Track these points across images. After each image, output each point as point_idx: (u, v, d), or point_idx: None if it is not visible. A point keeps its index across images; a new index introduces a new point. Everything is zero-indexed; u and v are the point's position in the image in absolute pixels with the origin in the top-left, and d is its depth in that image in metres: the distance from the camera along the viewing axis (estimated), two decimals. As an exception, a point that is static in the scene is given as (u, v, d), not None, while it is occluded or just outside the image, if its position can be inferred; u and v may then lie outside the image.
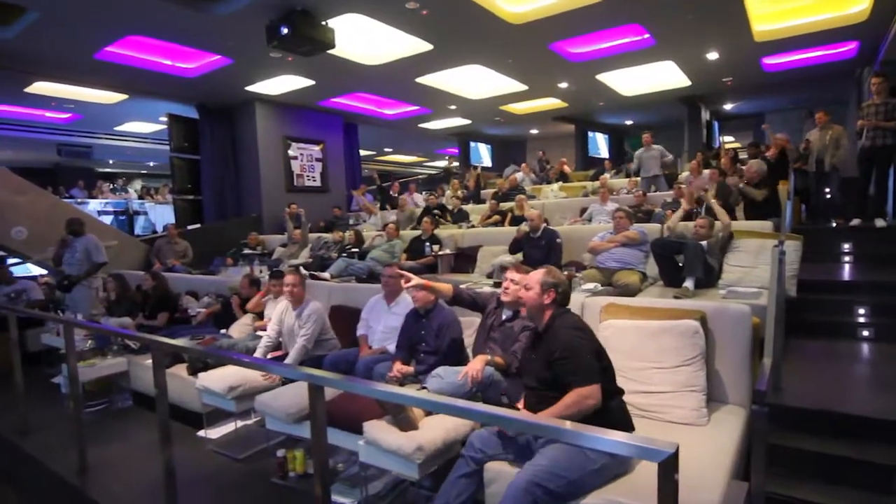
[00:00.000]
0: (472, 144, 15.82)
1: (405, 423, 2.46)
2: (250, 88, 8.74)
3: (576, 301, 3.43)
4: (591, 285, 4.41)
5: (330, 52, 6.42)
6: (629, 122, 14.90)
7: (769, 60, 8.71)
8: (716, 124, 14.06)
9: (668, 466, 1.12)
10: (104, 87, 8.36)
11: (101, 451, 3.42)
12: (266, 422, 2.92)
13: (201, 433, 3.59)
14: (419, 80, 8.71)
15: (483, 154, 16.33)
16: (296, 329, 3.64)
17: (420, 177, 17.44)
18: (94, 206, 12.98)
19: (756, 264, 4.38)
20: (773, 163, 6.40)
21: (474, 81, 9.38)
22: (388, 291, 3.75)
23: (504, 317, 3.14)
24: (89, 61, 6.92)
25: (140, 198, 14.55)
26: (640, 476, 2.04)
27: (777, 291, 3.07)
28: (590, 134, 14.46)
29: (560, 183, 10.68)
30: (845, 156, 6.54)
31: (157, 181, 17.30)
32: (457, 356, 3.21)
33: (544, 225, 5.52)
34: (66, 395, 4.74)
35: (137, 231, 13.24)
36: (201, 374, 3.46)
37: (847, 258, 5.82)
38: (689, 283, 4.14)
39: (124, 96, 8.96)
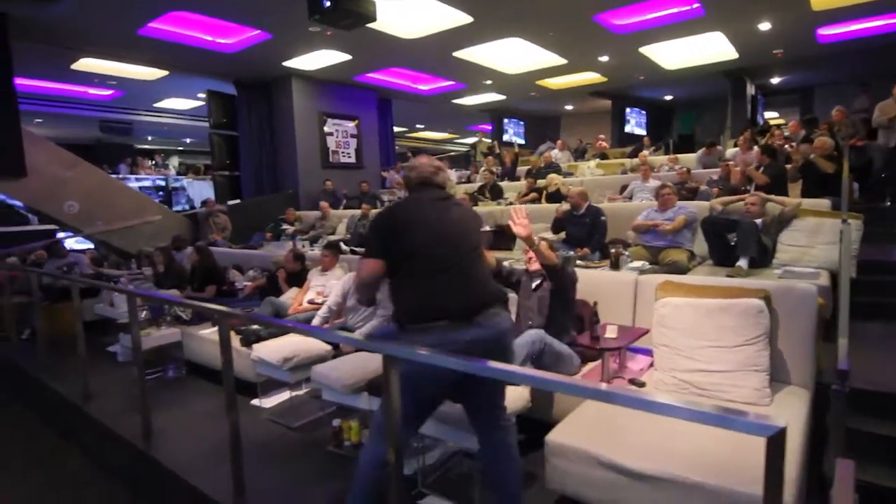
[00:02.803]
0: (506, 121, 15.58)
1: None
2: (287, 64, 8.75)
3: (627, 279, 3.39)
4: (638, 263, 4.35)
5: (368, 25, 6.35)
6: (668, 98, 14.43)
7: (824, 31, 8.27)
8: (760, 99, 13.49)
9: (776, 443, 1.10)
10: (146, 62, 8.48)
11: (162, 416, 3.54)
12: (322, 392, 2.98)
13: (255, 402, 3.69)
14: (456, 54, 8.58)
15: (516, 131, 16.09)
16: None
17: (451, 153, 17.33)
18: (133, 183, 13.34)
19: (813, 244, 4.24)
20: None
21: (511, 55, 9.18)
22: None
23: (533, 285, 3.19)
24: (133, 37, 7.02)
25: (179, 174, 14.84)
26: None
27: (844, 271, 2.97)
28: (627, 110, 14.05)
29: (597, 160, 10.46)
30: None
31: (194, 158, 17.63)
32: None
33: (588, 203, 5.41)
34: (121, 363, 4.94)
35: (176, 208, 13.56)
36: (256, 346, 3.55)
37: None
38: (742, 263, 4.03)
39: (165, 72, 9.09)
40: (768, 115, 14.48)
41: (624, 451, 2.06)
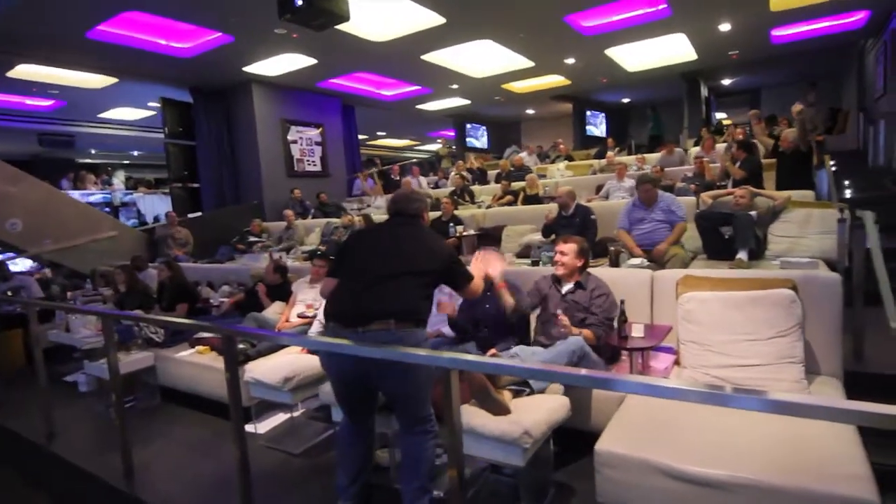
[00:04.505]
0: (469, 126, 15.55)
1: (497, 408, 2.29)
2: (248, 69, 8.35)
3: (642, 276, 3.29)
4: (637, 260, 4.27)
5: (337, 27, 6.11)
6: (626, 101, 14.78)
7: (778, 32, 8.61)
8: (713, 100, 14.00)
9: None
10: (94, 69, 7.89)
11: (141, 451, 3.17)
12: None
13: (249, 427, 3.37)
14: (425, 57, 8.42)
15: (479, 138, 16.09)
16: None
17: (412, 161, 17.14)
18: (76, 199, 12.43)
19: (804, 234, 4.29)
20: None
21: (479, 58, 9.11)
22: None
23: (564, 290, 3.06)
24: (80, 41, 6.49)
25: (127, 189, 13.97)
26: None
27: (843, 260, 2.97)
28: (588, 113, 14.28)
29: (565, 162, 10.54)
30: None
31: (141, 171, 16.69)
32: (524, 330, 3.09)
33: (576, 202, 5.34)
34: (84, 394, 4.47)
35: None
36: (249, 366, 3.24)
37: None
38: (742, 255, 4.03)
39: (113, 80, 8.49)
40: (719, 115, 15.04)
41: (685, 456, 1.91)
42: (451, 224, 6.06)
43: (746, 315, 2.62)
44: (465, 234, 6.05)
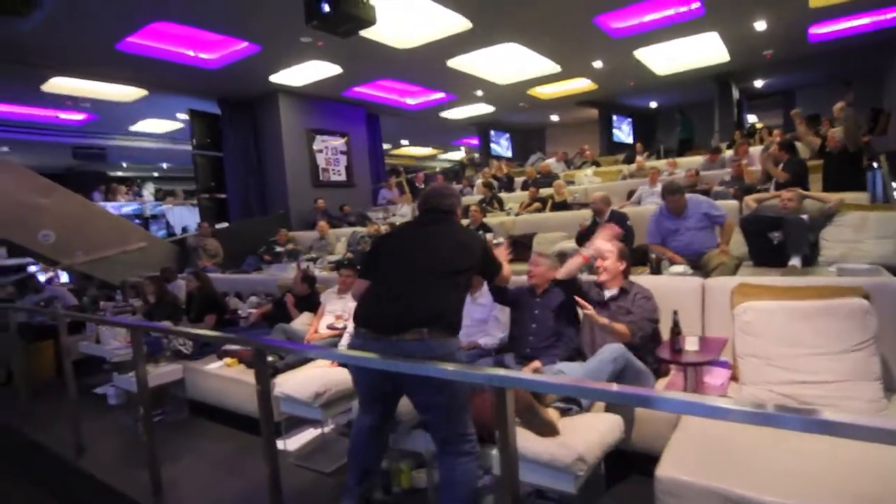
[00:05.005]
0: (493, 133, 15.43)
1: (544, 428, 2.12)
2: (274, 79, 8.38)
3: (692, 284, 3.08)
4: (679, 268, 4.05)
5: (362, 34, 6.06)
6: (654, 105, 14.47)
7: (816, 30, 8.29)
8: (744, 103, 13.61)
9: None
10: (124, 81, 8.01)
11: (169, 467, 3.07)
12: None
13: (278, 444, 3.24)
14: (450, 63, 8.34)
15: (501, 145, 15.95)
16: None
17: (436, 170, 17.07)
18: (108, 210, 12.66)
19: (861, 238, 4.02)
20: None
21: (505, 64, 8.98)
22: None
23: (607, 296, 2.93)
24: (111, 52, 6.57)
25: (157, 200, 14.20)
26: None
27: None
28: (615, 118, 14.01)
29: (593, 168, 10.33)
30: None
31: (170, 183, 16.97)
32: (572, 341, 2.92)
33: (611, 208, 5.15)
34: (113, 407, 4.43)
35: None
36: (278, 379, 3.12)
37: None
38: (795, 262, 3.77)
39: (143, 92, 8.62)
40: (751, 118, 14.62)
41: (759, 485, 1.72)
42: (481, 232, 5.91)
43: (814, 327, 2.40)
44: (495, 242, 5.90)
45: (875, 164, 5.12)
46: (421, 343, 1.96)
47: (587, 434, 2.07)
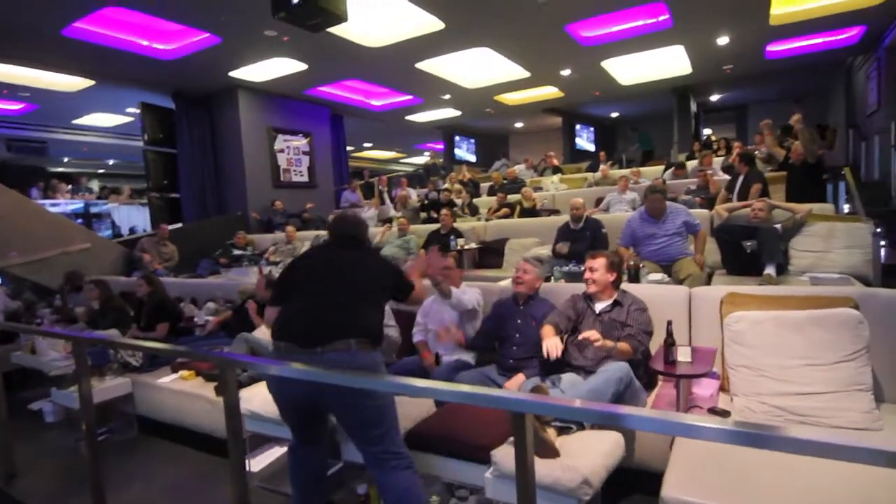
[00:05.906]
0: (457, 138, 15.35)
1: (544, 448, 1.97)
2: (235, 74, 8.00)
3: (679, 293, 3.02)
4: (657, 276, 4.02)
5: (331, 31, 5.84)
6: (615, 115, 14.76)
7: (773, 47, 8.61)
8: (701, 115, 14.07)
9: None
10: (70, 70, 7.45)
11: (117, 493, 2.77)
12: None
13: (241, 465, 2.98)
14: (419, 65, 8.18)
15: (465, 149, 15.90)
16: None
17: (400, 173, 16.84)
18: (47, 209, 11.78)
19: (829, 248, 4.10)
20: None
21: (474, 68, 8.92)
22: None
23: (598, 309, 2.79)
24: (56, 38, 6.08)
25: (100, 198, 13.33)
26: None
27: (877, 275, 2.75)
28: (578, 126, 14.21)
29: (559, 175, 10.38)
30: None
31: (115, 181, 16.05)
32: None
33: (586, 214, 5.11)
34: (50, 425, 4.01)
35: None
36: (242, 394, 2.85)
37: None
38: (770, 270, 3.81)
39: (90, 83, 8.05)
40: (706, 131, 15.12)
41: (773, 507, 1.64)
42: (452, 237, 5.76)
43: (806, 337, 2.37)
44: (466, 247, 5.77)
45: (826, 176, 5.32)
46: (348, 353, 1.98)
47: (589, 455, 1.93)
